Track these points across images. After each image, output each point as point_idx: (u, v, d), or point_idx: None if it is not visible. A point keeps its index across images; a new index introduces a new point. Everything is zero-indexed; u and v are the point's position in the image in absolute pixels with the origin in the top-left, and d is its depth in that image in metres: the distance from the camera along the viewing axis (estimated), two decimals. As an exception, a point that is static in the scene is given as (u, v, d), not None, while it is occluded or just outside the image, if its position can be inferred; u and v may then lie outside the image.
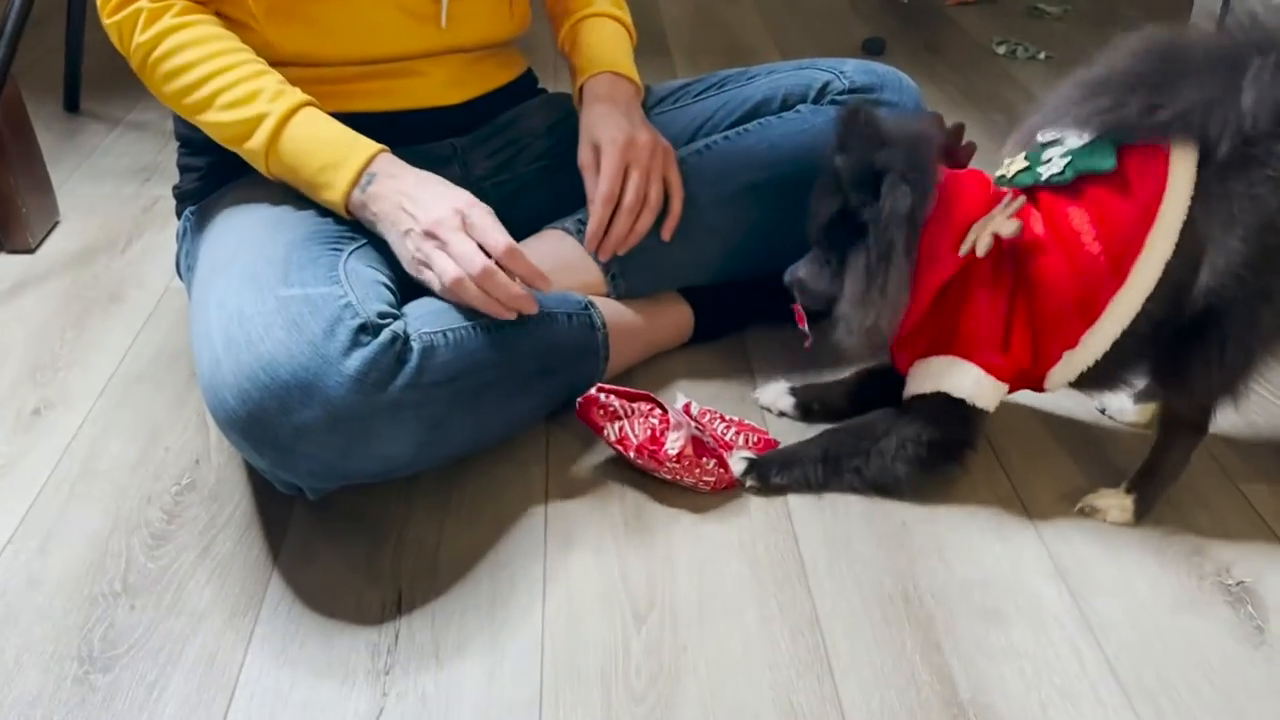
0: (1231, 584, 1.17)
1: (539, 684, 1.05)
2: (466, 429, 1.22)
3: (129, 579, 1.16)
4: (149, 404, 1.44)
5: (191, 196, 1.44)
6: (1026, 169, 1.20)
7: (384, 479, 1.21)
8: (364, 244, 1.26)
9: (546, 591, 1.15)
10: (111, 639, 1.09)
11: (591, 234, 1.38)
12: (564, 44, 1.53)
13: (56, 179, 1.95)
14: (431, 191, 1.21)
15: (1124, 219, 1.12)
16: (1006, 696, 1.04)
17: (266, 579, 1.17)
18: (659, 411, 1.27)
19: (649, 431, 1.25)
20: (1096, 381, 1.22)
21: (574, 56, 1.50)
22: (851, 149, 1.16)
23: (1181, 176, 1.09)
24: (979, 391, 1.21)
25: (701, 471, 1.26)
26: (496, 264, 1.17)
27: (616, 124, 1.37)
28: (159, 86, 1.27)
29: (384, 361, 1.10)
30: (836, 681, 1.05)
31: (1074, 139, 1.17)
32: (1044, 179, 1.18)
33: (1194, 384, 1.17)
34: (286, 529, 1.23)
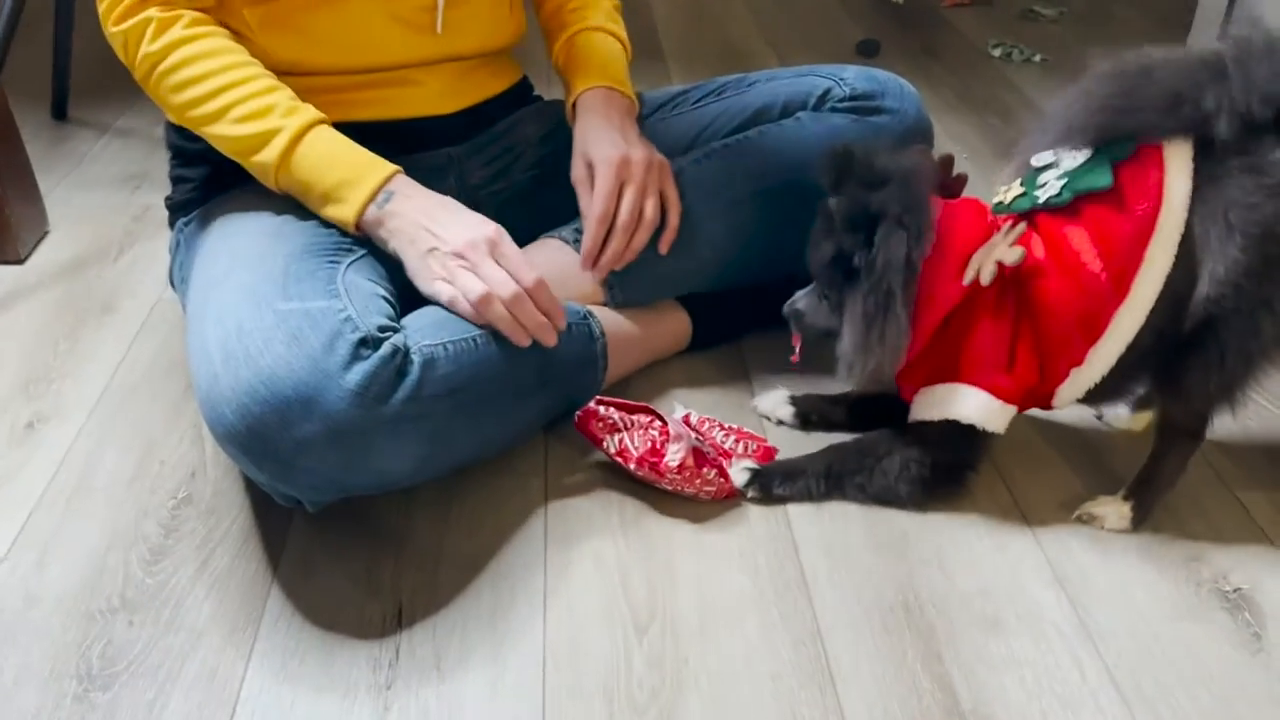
0: (1229, 591, 1.18)
1: (541, 697, 1.04)
2: (467, 441, 1.22)
3: (127, 594, 1.15)
4: (144, 416, 1.43)
5: (184, 208, 1.43)
6: (1023, 194, 1.21)
7: (384, 491, 1.21)
8: (361, 256, 1.25)
9: (547, 603, 1.15)
10: (110, 656, 1.08)
11: (586, 253, 1.37)
12: (558, 59, 1.53)
13: (45, 187, 1.94)
14: (456, 216, 1.23)
15: (1123, 235, 1.12)
16: (1007, 706, 1.04)
17: (266, 593, 1.16)
18: (659, 423, 1.27)
19: (649, 443, 1.25)
20: (1103, 395, 1.23)
21: (568, 71, 1.49)
22: (845, 191, 1.17)
23: (1177, 189, 1.09)
24: (987, 416, 1.22)
25: (702, 482, 1.26)
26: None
27: (610, 140, 1.37)
28: (166, 97, 1.26)
29: (384, 375, 1.10)
30: (839, 692, 1.05)
31: (1068, 160, 1.17)
32: (1041, 202, 1.18)
33: (1192, 392, 1.17)
34: (285, 542, 1.23)
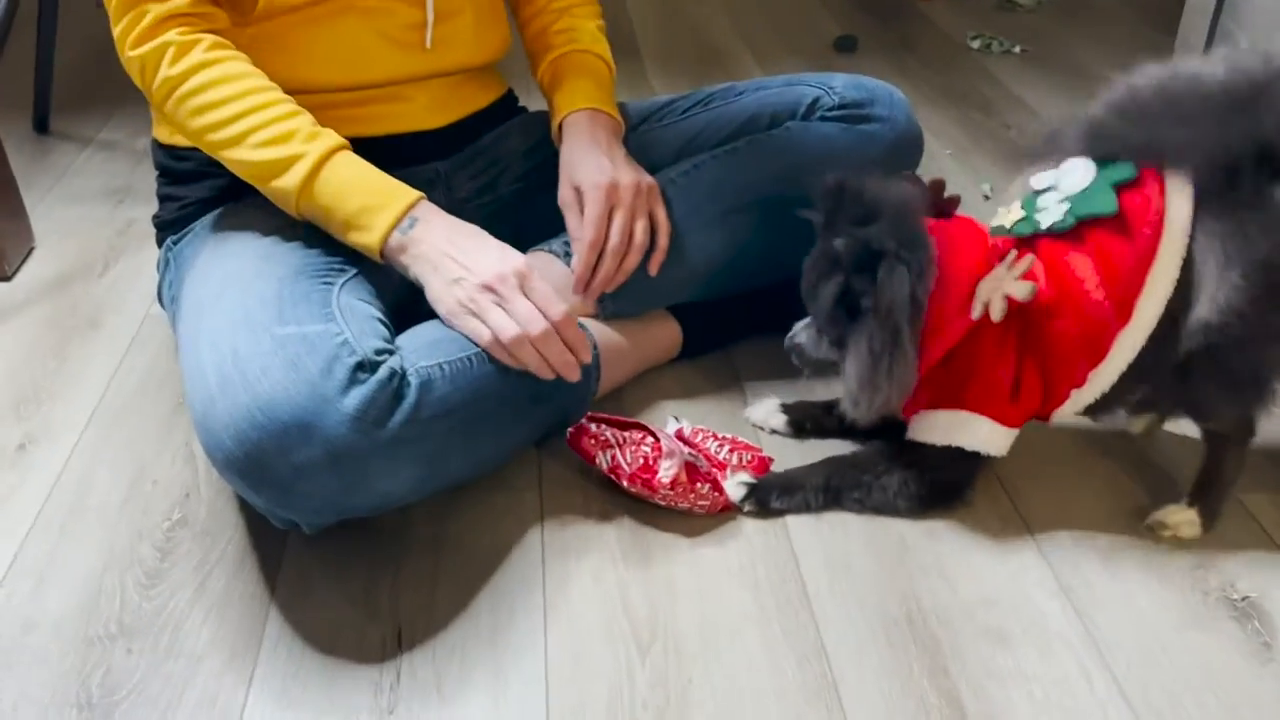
0: (1237, 599, 1.17)
1: (545, 719, 1.04)
2: (463, 461, 1.21)
3: (124, 620, 1.14)
4: (135, 435, 1.41)
5: (172, 226, 1.42)
6: (1024, 219, 1.20)
7: (381, 512, 1.20)
8: (354, 275, 1.25)
9: (548, 622, 1.14)
10: (110, 684, 1.07)
11: (578, 278, 1.37)
12: (542, 79, 1.52)
13: (29, 202, 1.92)
14: (483, 245, 1.22)
15: (1125, 261, 1.12)
16: (1016, 720, 1.04)
17: (264, 616, 1.15)
18: (651, 439, 1.26)
19: (641, 460, 1.24)
20: (1100, 410, 1.23)
21: (553, 93, 1.48)
22: (838, 228, 1.16)
23: (1179, 215, 1.09)
24: (992, 443, 1.23)
25: (696, 496, 1.25)
26: None
27: (598, 165, 1.37)
28: (185, 121, 1.25)
29: (382, 399, 1.09)
30: (845, 709, 1.04)
31: (1068, 182, 1.17)
32: (1044, 227, 1.18)
33: (1226, 413, 1.19)
34: (281, 563, 1.22)
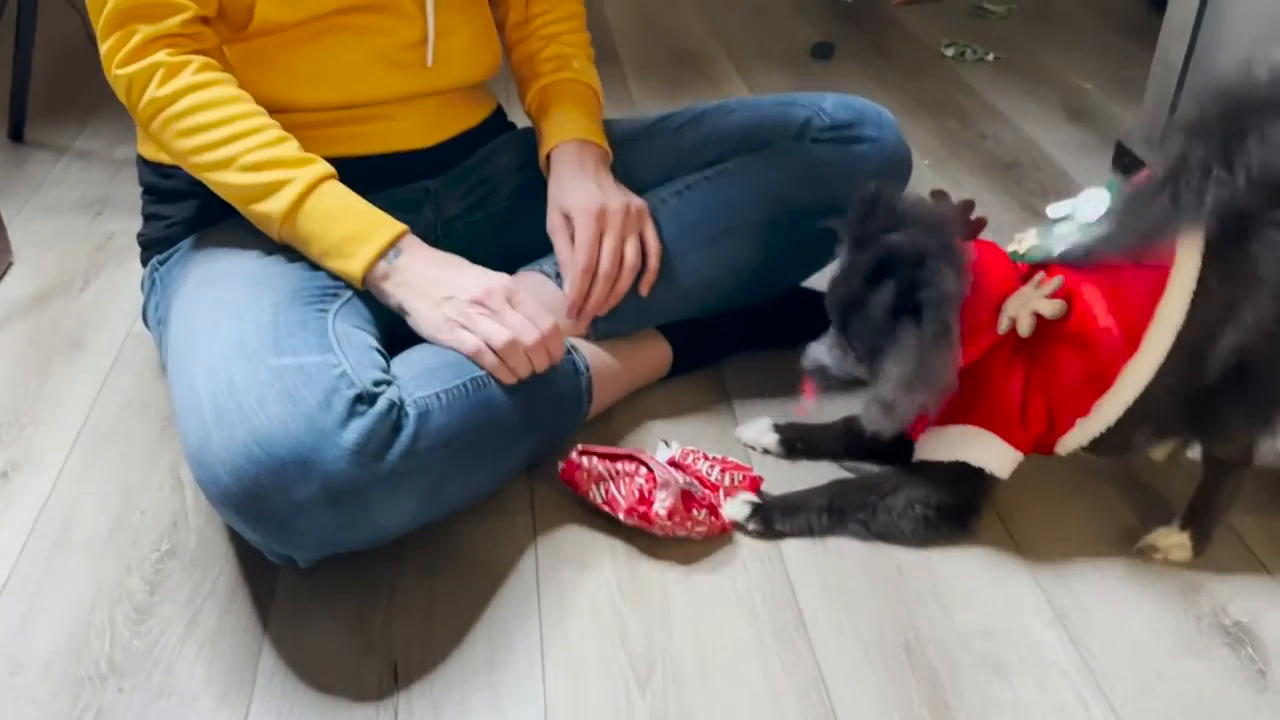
0: (1229, 624, 1.18)
1: (546, 757, 1.04)
2: (459, 490, 1.20)
3: (115, 658, 1.12)
4: (120, 461, 1.40)
5: (158, 245, 1.40)
6: (1038, 246, 1.21)
7: (377, 545, 1.19)
8: (348, 299, 1.24)
9: (545, 655, 1.13)
10: (102, 727, 1.06)
11: (571, 304, 1.37)
12: (530, 106, 1.51)
13: (6, 214, 1.90)
14: (469, 269, 1.25)
15: (1135, 290, 1.13)
16: (1015, 752, 1.04)
17: (258, 652, 1.14)
18: (644, 470, 1.25)
19: (636, 493, 1.24)
20: (1109, 446, 1.22)
21: (541, 122, 1.48)
22: (871, 236, 1.15)
23: (1191, 244, 1.09)
24: (998, 462, 1.23)
25: (693, 524, 1.25)
26: None
27: (586, 191, 1.37)
28: (171, 142, 1.24)
29: (381, 431, 1.08)
30: (846, 743, 1.05)
31: (1084, 211, 1.17)
32: (1056, 255, 1.18)
33: (1236, 435, 1.19)
34: (273, 595, 1.20)
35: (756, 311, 1.56)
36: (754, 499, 1.28)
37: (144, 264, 1.44)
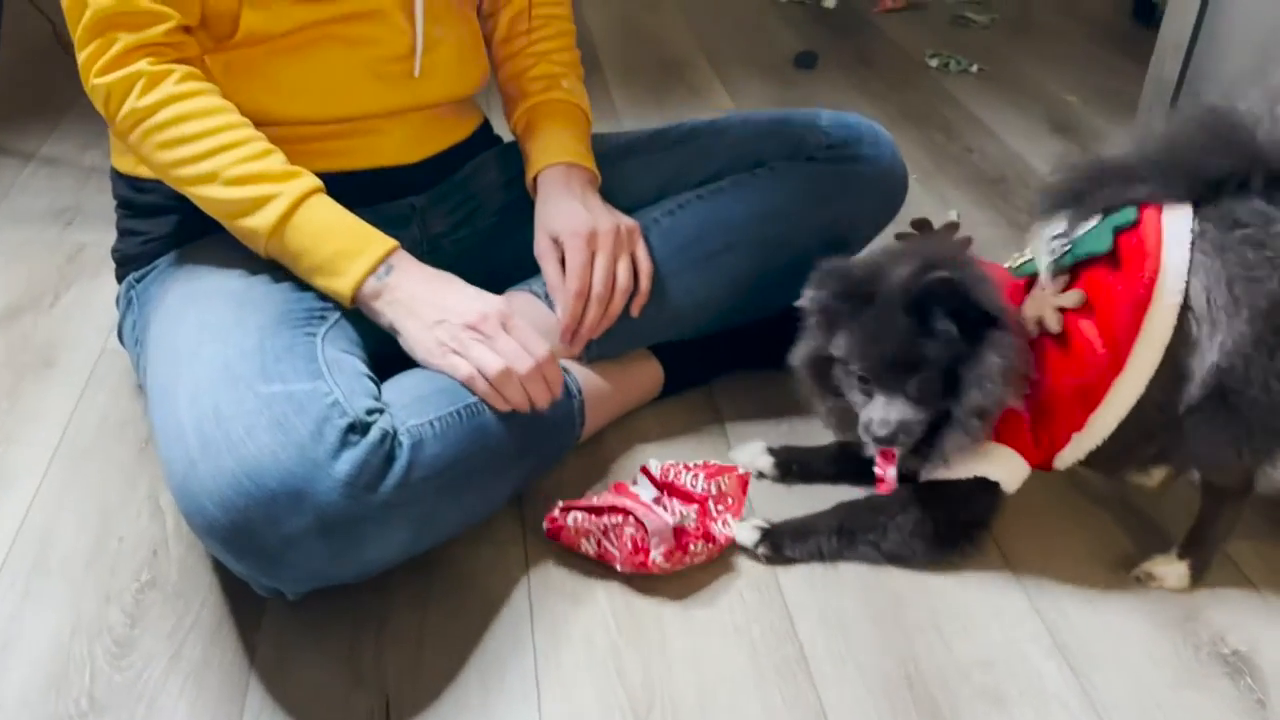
0: (1228, 653, 1.17)
1: (544, 798, 1.01)
2: (452, 519, 1.18)
3: (95, 694, 1.09)
4: (97, 485, 1.36)
5: (134, 262, 1.37)
6: (1029, 260, 1.20)
7: (367, 577, 1.15)
8: (335, 321, 1.21)
9: (541, 691, 1.11)
10: (84, 768, 1.02)
11: (565, 328, 1.34)
12: (517, 126, 1.48)
13: (-28, 225, 1.86)
14: (462, 290, 1.21)
15: (1120, 304, 1.12)
16: (1020, 788, 1.03)
17: (244, 686, 1.11)
18: (632, 519, 1.22)
19: (630, 544, 1.21)
20: (1108, 462, 1.22)
21: (528, 143, 1.45)
22: (865, 289, 1.14)
23: (1175, 259, 1.09)
24: (1014, 476, 1.22)
25: (691, 557, 1.22)
26: None
27: (574, 214, 1.34)
28: (152, 155, 1.20)
29: (374, 462, 1.05)
30: (850, 781, 1.03)
31: (1080, 230, 1.16)
32: (1045, 265, 1.17)
33: (1228, 463, 1.17)
34: (259, 626, 1.17)
35: (749, 331, 1.54)
36: (762, 524, 1.27)
37: (119, 280, 1.40)
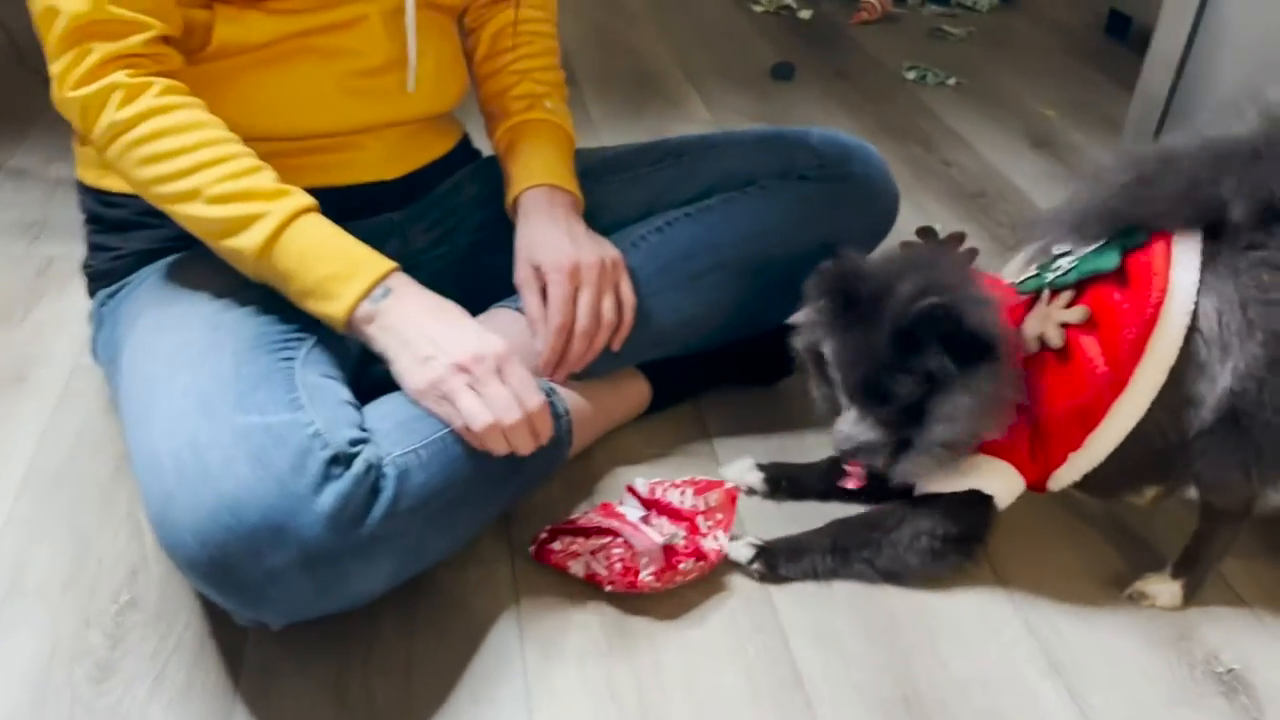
0: (1222, 672, 1.17)
1: (540, 826, 0.99)
2: (440, 547, 1.15)
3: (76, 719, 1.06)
4: (74, 505, 1.32)
5: (105, 278, 1.33)
6: (1035, 276, 1.19)
7: (353, 609, 1.12)
8: (313, 345, 1.17)
9: (533, 713, 1.09)
10: (65, 799, 0.99)
11: (546, 362, 1.31)
12: (499, 144, 1.45)
13: (-61, 239, 1.81)
14: (461, 324, 1.16)
15: (1125, 324, 1.11)
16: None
17: (228, 713, 1.08)
18: (620, 540, 1.21)
19: (620, 566, 1.20)
20: (1103, 485, 1.21)
21: (510, 163, 1.41)
22: (864, 303, 1.12)
23: (1184, 280, 1.08)
24: (1008, 490, 1.21)
25: (682, 576, 1.21)
26: None
27: (558, 246, 1.31)
28: (131, 171, 1.15)
29: (359, 495, 1.02)
30: (850, 805, 1.01)
31: (1087, 249, 1.15)
32: (1048, 282, 1.17)
33: (1235, 487, 1.16)
34: (244, 649, 1.15)
35: (737, 347, 1.53)
36: (757, 542, 1.26)
37: (91, 296, 1.36)
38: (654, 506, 1.28)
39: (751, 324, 1.47)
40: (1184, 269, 1.09)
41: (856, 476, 1.26)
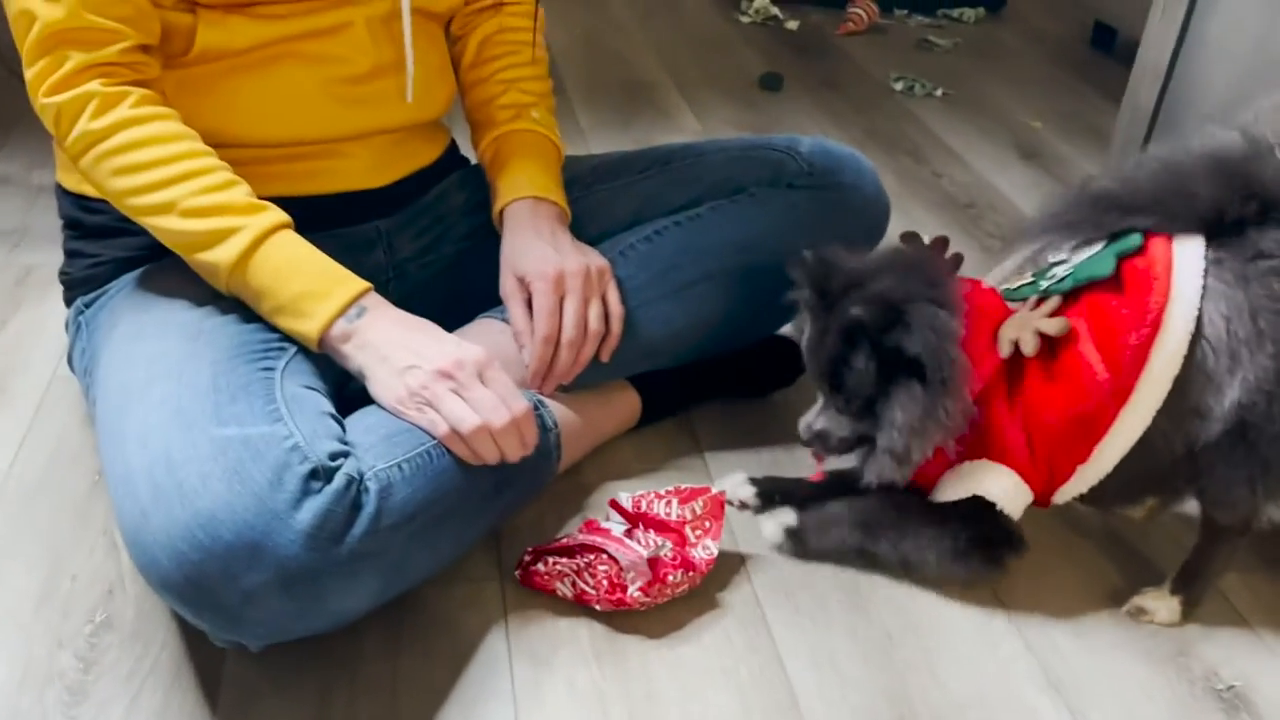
0: (1222, 689, 1.15)
1: None
2: (424, 565, 1.12)
3: (48, 746, 1.03)
4: (48, 521, 1.29)
5: (83, 286, 1.30)
6: (1030, 283, 1.18)
7: (335, 629, 1.09)
8: (294, 355, 1.15)
9: (523, 738, 1.06)
10: (37, 828, 0.96)
11: (533, 374, 1.28)
12: (484, 155, 1.43)
13: (-84, 248, 1.78)
14: (439, 336, 1.14)
15: (1125, 328, 1.09)
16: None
17: (207, 737, 1.05)
18: (605, 556, 1.18)
19: (606, 582, 1.17)
20: (1109, 497, 1.19)
21: (495, 174, 1.39)
22: (836, 298, 1.13)
23: (1186, 287, 1.07)
24: (1011, 497, 1.19)
25: (672, 589, 1.18)
26: None
27: (542, 255, 1.28)
28: (104, 181, 1.13)
29: (339, 511, 0.99)
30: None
31: (1080, 254, 1.14)
32: (1043, 289, 1.15)
33: (1240, 502, 1.14)
34: (222, 671, 1.11)
35: (728, 359, 1.51)
36: (789, 524, 1.27)
37: (68, 304, 1.34)
38: (640, 520, 1.25)
39: (742, 334, 1.45)
40: (1187, 274, 1.07)
41: (820, 471, 1.28)
